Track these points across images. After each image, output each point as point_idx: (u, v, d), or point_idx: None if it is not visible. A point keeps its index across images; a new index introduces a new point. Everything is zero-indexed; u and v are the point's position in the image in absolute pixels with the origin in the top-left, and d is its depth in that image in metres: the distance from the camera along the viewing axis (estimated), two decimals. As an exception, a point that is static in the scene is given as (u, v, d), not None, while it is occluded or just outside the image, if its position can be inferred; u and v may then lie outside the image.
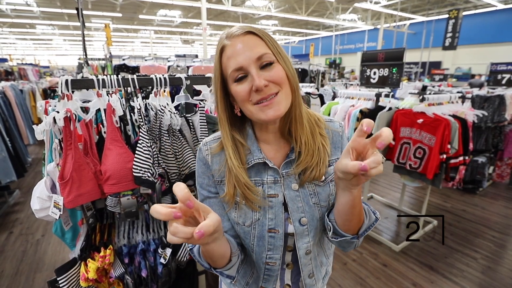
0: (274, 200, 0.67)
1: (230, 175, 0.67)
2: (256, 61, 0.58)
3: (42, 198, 1.02)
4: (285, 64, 0.62)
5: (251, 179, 0.68)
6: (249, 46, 0.58)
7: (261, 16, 15.99)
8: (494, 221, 3.18)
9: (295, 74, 0.64)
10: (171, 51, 30.37)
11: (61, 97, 1.04)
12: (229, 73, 0.60)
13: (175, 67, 5.70)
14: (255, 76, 0.57)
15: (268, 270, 0.72)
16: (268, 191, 0.68)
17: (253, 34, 0.60)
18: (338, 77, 11.32)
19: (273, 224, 0.67)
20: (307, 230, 0.69)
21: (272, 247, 0.69)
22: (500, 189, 4.12)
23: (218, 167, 0.69)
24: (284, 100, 0.61)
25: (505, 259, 2.55)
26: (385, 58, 2.95)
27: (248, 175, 0.67)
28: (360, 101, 2.95)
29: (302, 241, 0.70)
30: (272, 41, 0.61)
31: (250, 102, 0.60)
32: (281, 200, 0.68)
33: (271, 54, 0.60)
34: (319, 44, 21.80)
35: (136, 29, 18.95)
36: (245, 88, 0.59)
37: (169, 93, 1.29)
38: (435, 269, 2.38)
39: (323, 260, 0.79)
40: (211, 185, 0.70)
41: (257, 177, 0.69)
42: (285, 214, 0.68)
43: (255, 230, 0.68)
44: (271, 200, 0.67)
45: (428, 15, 14.84)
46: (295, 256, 0.72)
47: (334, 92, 5.05)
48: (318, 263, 0.77)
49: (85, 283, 1.06)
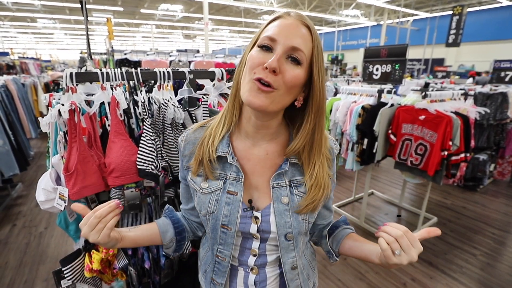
0: (232, 197, 0.67)
1: (200, 148, 0.69)
2: (288, 49, 0.55)
3: (47, 189, 1.04)
4: (313, 78, 0.59)
5: (216, 170, 0.68)
6: (294, 33, 0.55)
7: (263, 11, 15.90)
8: (494, 219, 3.19)
9: (320, 97, 0.60)
10: (173, 46, 30.27)
11: (66, 90, 1.04)
12: (262, 37, 0.57)
13: (176, 61, 5.70)
14: (275, 56, 0.53)
15: (218, 264, 0.73)
16: (229, 187, 0.67)
17: (307, 29, 0.57)
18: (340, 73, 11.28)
19: (227, 221, 0.67)
20: (292, 245, 0.69)
21: (223, 242, 0.69)
22: (501, 186, 4.13)
23: (189, 152, 0.72)
24: (275, 101, 0.56)
25: (504, 256, 2.56)
26: (388, 54, 2.93)
27: (215, 155, 0.67)
28: (362, 97, 2.95)
29: (287, 256, 0.70)
30: (316, 50, 0.58)
31: (253, 74, 0.55)
32: (240, 199, 0.66)
33: (305, 57, 0.56)
34: (322, 40, 21.60)
35: (137, 23, 18.87)
36: (261, 57, 0.55)
37: (172, 87, 1.30)
38: (434, 264, 2.40)
39: (310, 273, 0.80)
40: (183, 172, 0.75)
41: (221, 170, 0.69)
42: (249, 213, 0.67)
43: (209, 221, 0.68)
44: (229, 197, 0.67)
45: (432, 11, 14.72)
46: (274, 267, 0.74)
47: (336, 88, 5.04)
48: (305, 276, 0.77)
49: (89, 273, 1.07)
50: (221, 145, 0.67)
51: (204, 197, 0.68)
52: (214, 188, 0.68)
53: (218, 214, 0.67)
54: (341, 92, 3.26)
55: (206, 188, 0.68)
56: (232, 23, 19.17)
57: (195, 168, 0.69)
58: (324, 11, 15.71)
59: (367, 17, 16.71)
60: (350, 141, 2.77)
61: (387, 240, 0.56)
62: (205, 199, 0.68)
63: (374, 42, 17.60)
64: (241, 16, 15.97)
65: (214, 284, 0.75)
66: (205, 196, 0.68)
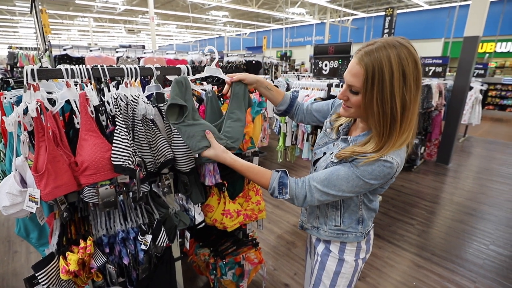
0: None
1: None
2: (348, 85, 0.86)
3: (13, 193, 0.98)
4: (371, 100, 0.81)
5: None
6: (351, 73, 0.83)
7: (211, 7, 15.70)
8: (426, 193, 3.73)
9: (382, 115, 0.81)
10: (114, 41, 28.16)
11: (28, 87, 0.99)
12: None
13: (124, 58, 5.40)
14: (341, 90, 0.90)
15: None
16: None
17: (361, 67, 0.80)
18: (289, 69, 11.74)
19: None
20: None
21: None
22: (429, 166, 4.79)
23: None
24: (349, 113, 0.92)
25: (435, 223, 3.03)
26: (334, 51, 3.21)
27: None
28: (314, 91, 3.18)
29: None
30: (373, 78, 0.78)
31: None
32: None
33: (359, 88, 0.82)
34: (270, 37, 22.20)
35: (71, 15, 17.14)
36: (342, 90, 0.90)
37: (140, 83, 1.30)
38: (382, 236, 2.75)
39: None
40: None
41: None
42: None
43: None
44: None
45: (368, 12, 16.07)
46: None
47: (288, 83, 5.29)
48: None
49: (66, 275, 1.04)
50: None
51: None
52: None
53: None
54: (294, 87, 3.47)
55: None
56: (179, 18, 18.54)
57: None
58: (271, 8, 16.09)
59: (311, 15, 17.57)
60: (305, 132, 2.98)
61: None
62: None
63: (319, 39, 18.61)
64: (189, 11, 15.54)
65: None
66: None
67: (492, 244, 2.66)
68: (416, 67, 0.79)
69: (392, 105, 0.79)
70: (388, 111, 0.79)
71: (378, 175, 0.83)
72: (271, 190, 0.95)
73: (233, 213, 1.67)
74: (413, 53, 0.79)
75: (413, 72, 0.78)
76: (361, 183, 0.85)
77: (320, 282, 1.10)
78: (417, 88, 0.81)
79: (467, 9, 4.54)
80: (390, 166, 0.82)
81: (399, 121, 0.81)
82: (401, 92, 0.78)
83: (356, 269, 1.08)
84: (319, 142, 1.10)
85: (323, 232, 1.07)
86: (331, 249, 1.07)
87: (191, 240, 1.97)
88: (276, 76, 7.94)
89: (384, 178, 0.85)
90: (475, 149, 5.87)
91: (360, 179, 0.84)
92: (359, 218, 1.02)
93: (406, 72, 0.77)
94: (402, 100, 0.79)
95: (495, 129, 8.09)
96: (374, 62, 0.77)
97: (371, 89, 0.79)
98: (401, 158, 0.84)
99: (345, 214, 1.02)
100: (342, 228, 1.03)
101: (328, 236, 1.06)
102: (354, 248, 1.05)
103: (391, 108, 0.79)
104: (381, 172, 0.82)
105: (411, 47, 0.80)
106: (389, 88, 0.77)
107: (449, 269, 2.33)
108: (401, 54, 0.77)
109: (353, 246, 1.05)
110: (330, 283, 1.07)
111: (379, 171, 0.82)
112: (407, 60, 0.77)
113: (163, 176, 1.36)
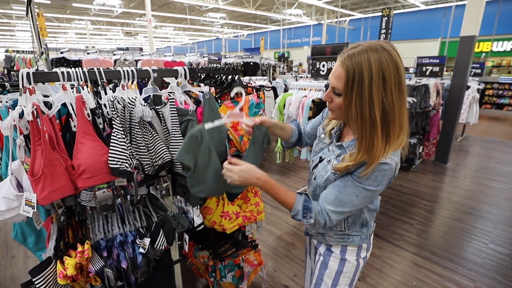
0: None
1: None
2: (332, 86, 0.87)
3: (9, 198, 0.97)
4: (350, 103, 0.82)
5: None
6: (335, 75, 0.85)
7: (209, 9, 15.71)
8: (425, 192, 3.73)
9: (361, 119, 0.81)
10: (112, 44, 28.13)
11: (23, 91, 0.99)
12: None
13: (122, 60, 5.39)
14: (327, 92, 0.90)
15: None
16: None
17: (343, 69, 0.81)
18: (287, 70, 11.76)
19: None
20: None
21: None
22: (428, 165, 4.80)
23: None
24: (335, 115, 0.93)
25: (434, 222, 3.03)
26: (332, 51, 3.21)
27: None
28: (312, 92, 3.19)
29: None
30: (353, 81, 0.79)
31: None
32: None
33: (342, 90, 0.83)
34: (268, 38, 22.24)
35: (69, 18, 17.10)
36: (327, 91, 0.90)
37: (137, 85, 1.29)
38: (381, 236, 2.74)
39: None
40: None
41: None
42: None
43: None
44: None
45: (365, 12, 16.13)
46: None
47: (286, 84, 5.30)
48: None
49: (63, 280, 1.03)
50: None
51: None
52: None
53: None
54: (292, 88, 3.47)
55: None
56: (177, 20, 18.55)
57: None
58: (268, 10, 16.13)
59: (309, 16, 17.62)
60: (304, 132, 2.98)
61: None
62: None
63: (316, 40, 18.67)
64: (186, 13, 15.55)
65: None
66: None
67: (492, 242, 2.67)
68: (397, 71, 0.79)
69: (371, 109, 0.79)
70: (366, 115, 0.80)
71: (382, 179, 0.84)
72: (294, 212, 0.93)
73: (232, 215, 1.66)
74: (395, 58, 0.79)
75: (394, 76, 0.78)
76: (369, 194, 0.87)
77: (321, 282, 1.10)
78: (400, 92, 0.80)
79: (463, 9, 4.57)
80: (390, 167, 0.83)
81: (380, 126, 0.80)
82: (380, 96, 0.78)
83: (358, 268, 1.09)
84: (315, 148, 1.11)
85: (329, 238, 1.07)
86: (332, 249, 1.08)
87: (190, 242, 1.96)
88: (274, 77, 7.96)
89: (388, 180, 0.86)
90: (473, 148, 5.89)
91: (367, 190, 0.86)
92: (363, 221, 1.03)
93: (386, 76, 0.77)
94: (381, 104, 0.79)
95: (493, 128, 8.12)
96: (355, 65, 0.78)
97: (351, 92, 0.80)
98: (398, 156, 0.86)
99: (349, 219, 1.02)
100: (347, 232, 1.04)
101: (334, 241, 1.06)
102: (356, 247, 1.06)
103: (369, 111, 0.79)
104: (384, 176, 0.84)
105: (394, 51, 0.80)
106: (367, 91, 0.78)
107: (449, 268, 2.32)
108: (382, 59, 0.77)
109: (354, 246, 1.06)
110: (332, 282, 1.08)
111: (382, 176, 0.84)
112: (387, 64, 0.77)
113: (161, 178, 1.35)
